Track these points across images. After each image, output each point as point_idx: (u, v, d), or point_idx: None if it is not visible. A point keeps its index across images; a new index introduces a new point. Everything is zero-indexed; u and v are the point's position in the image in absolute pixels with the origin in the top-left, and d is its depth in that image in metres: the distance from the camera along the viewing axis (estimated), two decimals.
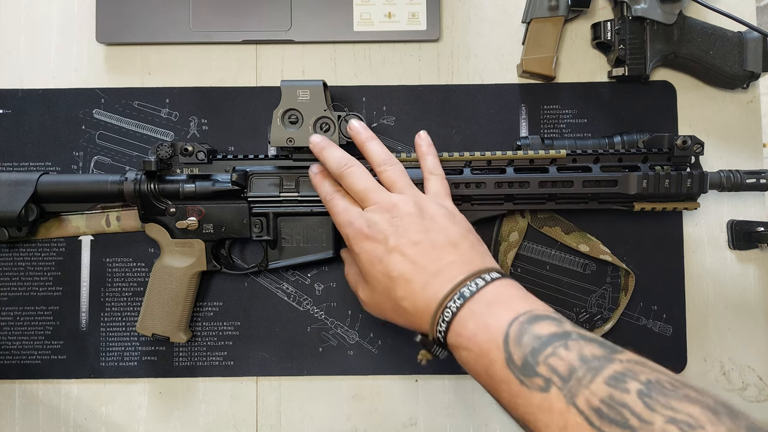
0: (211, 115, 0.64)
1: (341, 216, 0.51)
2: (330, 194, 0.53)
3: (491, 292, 0.43)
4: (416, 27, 0.64)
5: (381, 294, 0.48)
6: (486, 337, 0.40)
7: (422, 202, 0.50)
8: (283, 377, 0.63)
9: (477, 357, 0.41)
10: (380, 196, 0.50)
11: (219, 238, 0.59)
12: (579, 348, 0.37)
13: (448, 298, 0.44)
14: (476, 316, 0.42)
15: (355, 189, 0.51)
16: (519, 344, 0.38)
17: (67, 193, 0.58)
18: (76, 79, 0.64)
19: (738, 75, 0.61)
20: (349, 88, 0.64)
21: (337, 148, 0.55)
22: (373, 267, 0.48)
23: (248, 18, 0.63)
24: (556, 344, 0.37)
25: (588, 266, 0.63)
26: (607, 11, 0.65)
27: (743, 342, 0.63)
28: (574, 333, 0.38)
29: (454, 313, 0.43)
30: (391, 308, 0.48)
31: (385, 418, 0.63)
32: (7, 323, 0.63)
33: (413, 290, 0.46)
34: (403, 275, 0.46)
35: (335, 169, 0.53)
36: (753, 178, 0.58)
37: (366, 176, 0.52)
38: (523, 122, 0.64)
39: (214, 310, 0.63)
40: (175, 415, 0.62)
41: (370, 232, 0.48)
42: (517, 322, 0.40)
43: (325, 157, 0.54)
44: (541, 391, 0.36)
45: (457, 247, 0.47)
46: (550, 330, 0.39)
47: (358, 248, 0.49)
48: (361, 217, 0.50)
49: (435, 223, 0.48)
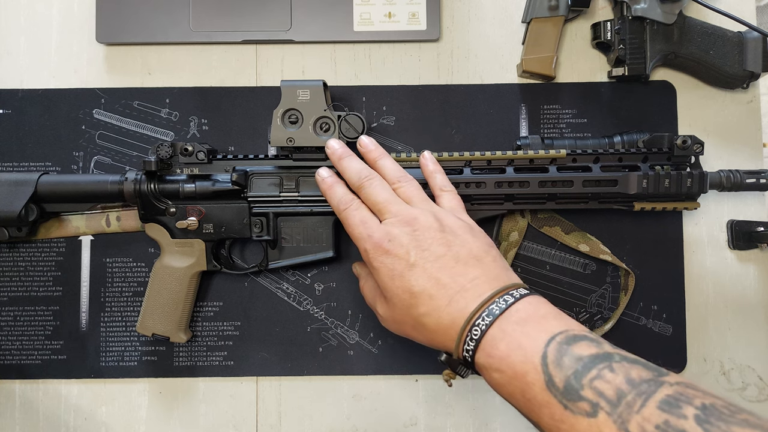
0: (211, 115, 0.64)
1: (358, 228, 0.49)
2: (346, 203, 0.51)
3: (521, 310, 0.41)
4: (416, 27, 0.64)
5: (401, 310, 0.46)
6: (521, 357, 0.39)
7: (442, 215, 0.49)
8: (283, 377, 0.63)
9: (511, 379, 0.39)
10: (400, 209, 0.49)
11: (219, 238, 0.59)
12: (625, 370, 0.35)
13: (476, 315, 0.42)
14: (508, 336, 0.40)
15: (375, 200, 0.50)
16: (559, 366, 0.37)
17: (67, 193, 0.58)
18: (76, 79, 0.64)
19: (738, 75, 0.61)
20: (349, 88, 0.64)
21: (356, 157, 0.54)
22: (393, 282, 0.46)
23: (248, 18, 0.63)
24: (600, 366, 0.36)
25: (588, 266, 0.63)
26: (607, 11, 0.65)
27: (743, 342, 0.63)
28: (616, 354, 0.37)
29: (483, 332, 0.41)
30: (412, 325, 0.46)
31: (385, 418, 0.63)
32: (7, 323, 0.63)
33: (437, 307, 0.44)
34: (426, 291, 0.45)
35: (355, 179, 0.52)
36: (753, 178, 0.58)
37: (387, 188, 0.51)
38: (523, 122, 0.64)
39: (214, 310, 0.63)
40: (175, 415, 0.62)
41: (391, 246, 0.47)
42: (555, 342, 0.38)
43: (344, 166, 0.53)
44: (588, 416, 0.34)
45: (481, 262, 0.46)
46: (591, 351, 0.37)
47: (378, 263, 0.47)
48: (381, 230, 0.48)
49: (456, 237, 0.47)
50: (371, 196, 0.50)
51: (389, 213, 0.49)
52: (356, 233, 0.49)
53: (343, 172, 0.53)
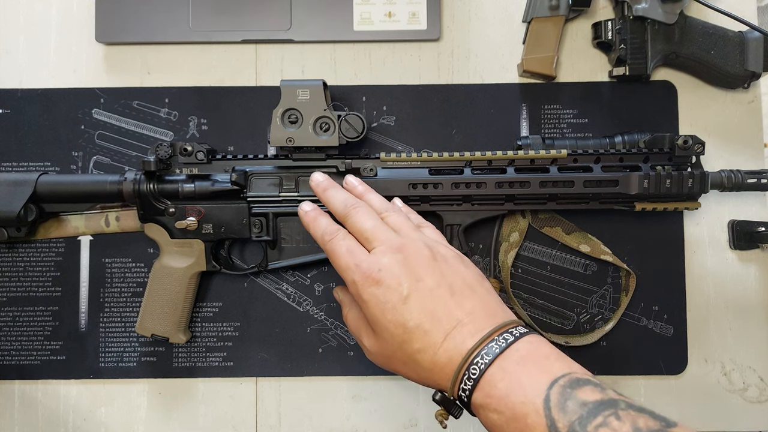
0: (210, 114, 0.64)
1: (344, 258, 0.46)
2: (330, 233, 0.48)
3: (522, 349, 0.39)
4: (416, 26, 0.63)
5: (392, 346, 0.43)
6: (521, 398, 0.37)
7: (432, 244, 0.47)
8: (283, 378, 0.63)
9: (510, 420, 0.37)
10: (389, 236, 0.46)
11: (218, 238, 0.58)
12: (632, 419, 0.34)
13: (474, 353, 0.40)
14: (508, 375, 0.38)
15: (362, 227, 0.47)
16: (563, 410, 0.35)
17: (66, 193, 0.58)
18: (75, 79, 0.64)
19: (739, 75, 0.61)
20: (349, 87, 0.64)
21: (341, 188, 0.53)
22: (384, 316, 0.43)
23: (248, 17, 0.63)
24: (606, 413, 0.34)
25: (589, 266, 0.63)
26: (608, 11, 0.64)
27: (744, 342, 0.63)
28: (621, 402, 0.35)
29: (483, 371, 0.39)
30: (403, 362, 0.43)
31: (385, 419, 0.62)
32: (7, 324, 0.62)
33: (433, 343, 0.41)
34: (421, 326, 0.42)
35: (340, 208, 0.50)
36: (754, 178, 0.58)
37: (374, 216, 0.49)
38: (524, 122, 0.64)
39: (214, 311, 0.63)
40: (174, 415, 0.62)
41: (381, 276, 0.43)
42: (558, 386, 0.36)
43: (329, 196, 0.52)
44: None
45: (475, 292, 0.44)
46: (596, 397, 0.36)
47: (368, 294, 0.44)
48: (370, 259, 0.45)
49: (449, 266, 0.45)
50: (357, 224, 0.48)
51: (378, 241, 0.46)
52: (342, 263, 0.46)
53: (328, 202, 0.52)
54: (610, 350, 0.62)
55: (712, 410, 0.62)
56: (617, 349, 0.62)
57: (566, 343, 0.61)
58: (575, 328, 0.63)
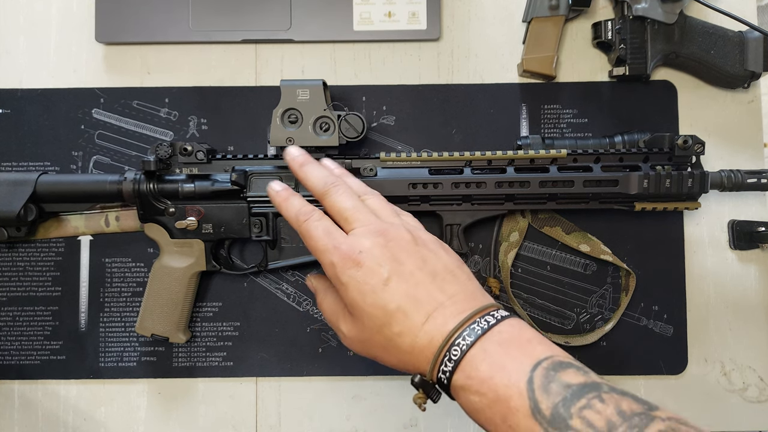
0: (210, 114, 0.64)
1: (321, 240, 0.44)
2: (305, 213, 0.46)
3: (505, 332, 0.39)
4: (416, 26, 0.63)
5: (371, 330, 0.42)
6: (504, 381, 0.36)
7: (412, 228, 0.46)
8: (283, 378, 0.63)
9: (492, 403, 0.37)
10: (369, 218, 0.45)
11: (218, 238, 0.58)
12: (615, 401, 0.34)
13: (455, 334, 0.39)
14: (490, 357, 0.38)
15: (342, 207, 0.46)
16: (547, 392, 0.35)
17: (66, 193, 0.58)
18: (75, 79, 0.64)
19: (739, 74, 0.61)
20: (349, 87, 0.64)
21: (319, 164, 0.50)
22: (364, 299, 0.42)
23: (248, 17, 0.63)
24: (590, 396, 0.34)
25: (589, 266, 0.63)
26: (608, 10, 0.64)
27: (744, 342, 0.63)
28: (604, 385, 0.35)
29: (464, 352, 0.38)
30: (383, 346, 0.42)
31: (385, 419, 0.62)
32: (6, 324, 0.62)
33: (413, 325, 0.41)
34: (401, 309, 0.41)
35: (320, 185, 0.48)
36: (754, 178, 0.58)
37: (355, 196, 0.47)
38: (524, 122, 0.64)
39: (214, 311, 0.63)
40: (174, 415, 0.62)
41: (362, 258, 0.42)
42: (541, 368, 0.36)
43: (306, 172, 0.49)
44: None
45: (456, 278, 0.43)
46: (579, 379, 0.35)
47: (347, 277, 0.42)
48: (349, 240, 0.43)
49: (431, 251, 0.44)
50: (337, 203, 0.46)
51: (358, 222, 0.45)
52: (320, 245, 0.44)
53: (306, 178, 0.49)
54: (610, 350, 0.62)
55: (712, 410, 0.62)
56: (617, 349, 0.62)
57: (566, 343, 0.61)
58: (575, 328, 0.63)
